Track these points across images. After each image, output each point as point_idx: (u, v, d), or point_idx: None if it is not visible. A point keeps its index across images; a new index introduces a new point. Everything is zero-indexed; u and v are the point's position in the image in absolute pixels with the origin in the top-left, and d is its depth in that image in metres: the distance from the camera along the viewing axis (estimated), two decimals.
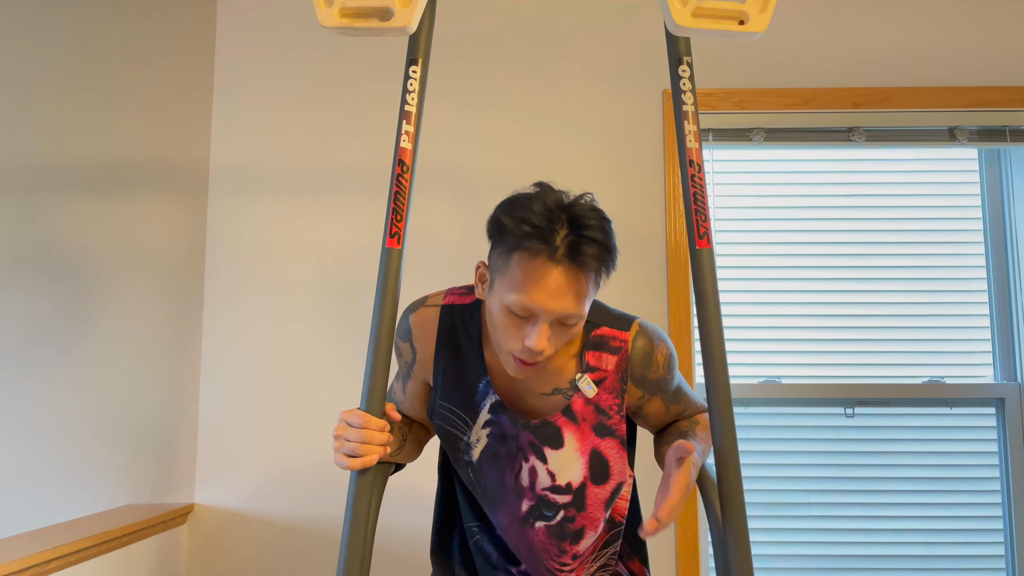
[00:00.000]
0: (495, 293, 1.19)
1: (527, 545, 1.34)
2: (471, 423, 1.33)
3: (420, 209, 2.25)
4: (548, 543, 1.33)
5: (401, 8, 1.07)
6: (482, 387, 1.32)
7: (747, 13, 1.04)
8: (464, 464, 1.35)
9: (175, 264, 2.22)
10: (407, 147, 1.13)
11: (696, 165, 1.10)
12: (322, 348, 2.24)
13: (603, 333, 1.30)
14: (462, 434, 1.34)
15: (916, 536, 2.28)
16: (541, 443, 1.29)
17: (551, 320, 1.16)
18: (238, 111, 2.32)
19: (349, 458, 1.13)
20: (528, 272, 1.14)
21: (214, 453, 2.20)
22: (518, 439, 1.30)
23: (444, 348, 1.34)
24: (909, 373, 2.34)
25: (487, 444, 1.32)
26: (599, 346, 1.30)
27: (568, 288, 1.14)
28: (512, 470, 1.31)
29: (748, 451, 2.31)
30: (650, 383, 1.32)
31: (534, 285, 1.13)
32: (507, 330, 1.18)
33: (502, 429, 1.31)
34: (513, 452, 1.31)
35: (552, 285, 1.13)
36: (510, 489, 1.32)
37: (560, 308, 1.14)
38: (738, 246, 2.39)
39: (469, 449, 1.33)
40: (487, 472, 1.33)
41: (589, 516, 1.32)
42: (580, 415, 1.29)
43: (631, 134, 2.30)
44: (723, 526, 1.09)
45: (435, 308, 1.36)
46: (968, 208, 2.40)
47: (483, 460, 1.33)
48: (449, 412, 1.34)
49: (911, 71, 2.31)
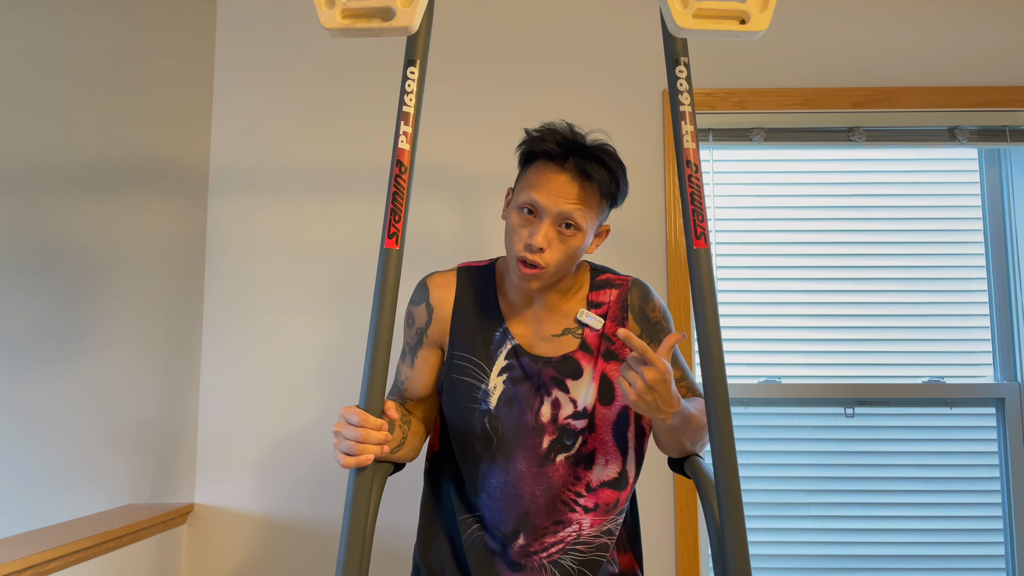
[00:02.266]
0: (512, 203, 1.37)
1: (545, 486, 1.38)
2: (488, 371, 1.41)
3: (419, 210, 2.25)
4: (567, 475, 1.39)
5: (403, 8, 1.08)
6: (499, 335, 1.42)
7: (748, 12, 1.04)
8: (480, 415, 1.40)
9: (175, 264, 2.23)
10: (405, 148, 1.13)
11: (693, 165, 1.10)
12: (322, 348, 2.24)
13: (607, 277, 1.47)
14: (479, 382, 1.40)
15: (916, 536, 2.27)
16: (563, 376, 1.39)
17: (553, 220, 1.30)
18: (238, 111, 2.32)
19: (346, 456, 1.14)
20: (538, 175, 1.33)
21: (214, 453, 2.20)
22: (540, 376, 1.39)
23: (462, 302, 1.45)
24: (909, 373, 2.33)
25: (504, 390, 1.40)
26: (603, 285, 1.46)
27: (571, 191, 1.31)
28: (532, 409, 1.38)
29: (748, 451, 2.31)
30: (649, 322, 1.44)
31: (542, 184, 1.32)
32: (516, 232, 1.33)
33: (523, 370, 1.40)
34: (534, 390, 1.39)
35: (556, 185, 1.31)
36: (530, 428, 1.38)
37: (561, 207, 1.30)
38: (738, 246, 2.39)
39: (487, 397, 1.40)
40: (504, 417, 1.39)
41: (599, 439, 1.40)
42: (594, 346, 1.41)
43: (630, 134, 2.30)
44: (721, 526, 1.09)
45: (452, 271, 1.51)
46: (968, 208, 2.40)
47: (500, 406, 1.39)
48: (466, 362, 1.42)
49: (911, 71, 2.31)
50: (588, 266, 1.50)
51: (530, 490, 1.38)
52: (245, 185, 2.30)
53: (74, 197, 2.15)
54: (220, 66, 2.34)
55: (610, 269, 1.50)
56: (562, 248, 1.32)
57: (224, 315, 2.25)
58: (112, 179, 2.19)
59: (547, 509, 1.38)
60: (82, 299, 2.14)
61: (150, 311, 2.19)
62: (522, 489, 1.38)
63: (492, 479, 1.39)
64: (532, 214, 1.32)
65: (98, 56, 2.19)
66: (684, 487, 2.17)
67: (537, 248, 1.29)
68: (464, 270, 1.50)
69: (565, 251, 1.33)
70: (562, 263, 1.34)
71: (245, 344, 2.24)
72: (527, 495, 1.38)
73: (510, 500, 1.38)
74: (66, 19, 2.16)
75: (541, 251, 1.30)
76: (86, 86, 2.18)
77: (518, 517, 1.38)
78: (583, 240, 1.34)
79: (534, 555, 1.38)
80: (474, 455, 1.41)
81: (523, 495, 1.38)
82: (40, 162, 2.14)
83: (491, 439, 1.39)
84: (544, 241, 1.30)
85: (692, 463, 1.37)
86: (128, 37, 2.22)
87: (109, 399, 2.15)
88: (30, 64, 2.14)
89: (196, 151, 2.29)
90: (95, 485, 2.12)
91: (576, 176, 1.31)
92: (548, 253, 1.31)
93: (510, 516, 1.38)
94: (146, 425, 2.16)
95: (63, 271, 2.13)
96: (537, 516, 1.38)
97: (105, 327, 2.15)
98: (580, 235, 1.33)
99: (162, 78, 2.26)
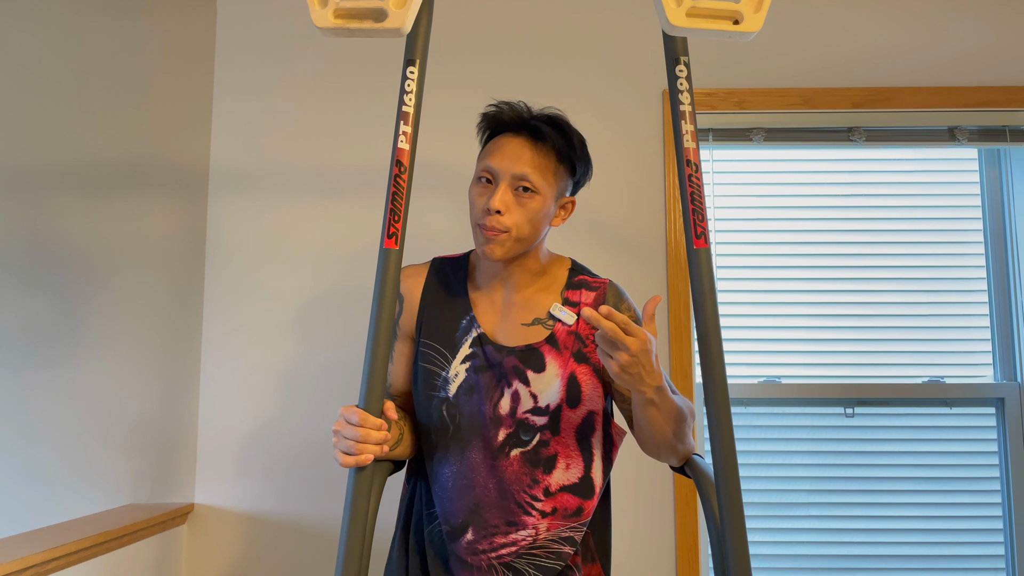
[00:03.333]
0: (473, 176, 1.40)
1: (498, 480, 1.34)
2: (450, 358, 1.40)
3: (418, 210, 2.25)
4: (521, 472, 1.36)
5: (395, 9, 1.07)
6: (465, 323, 1.42)
7: (741, 13, 1.04)
8: (438, 402, 1.39)
9: (175, 264, 2.23)
10: (405, 148, 1.13)
11: (693, 165, 1.10)
12: (321, 348, 2.24)
13: (584, 278, 1.47)
14: (440, 369, 1.40)
15: (916, 536, 2.27)
16: (525, 367, 1.38)
17: (508, 182, 1.33)
18: (238, 111, 2.32)
19: (345, 456, 1.13)
20: (493, 144, 1.38)
21: (214, 453, 2.20)
22: (502, 365, 1.38)
23: (430, 291, 1.46)
24: (909, 373, 2.34)
25: (465, 378, 1.39)
26: (579, 285, 1.45)
27: (524, 153, 1.34)
28: (491, 400, 1.37)
29: (748, 451, 2.31)
30: None
31: (496, 151, 1.36)
32: (476, 201, 1.36)
33: (485, 359, 1.39)
34: (495, 380, 1.37)
35: (509, 149, 1.35)
36: (487, 419, 1.37)
37: (515, 169, 1.33)
38: (738, 246, 2.39)
39: (447, 384, 1.39)
40: (463, 405, 1.38)
41: (562, 442, 1.37)
42: (562, 343, 1.39)
43: (630, 134, 2.30)
44: (721, 526, 1.09)
45: (425, 263, 1.53)
46: (968, 208, 2.40)
47: (460, 394, 1.38)
48: (430, 349, 1.42)
49: (911, 71, 2.31)
50: (568, 263, 1.49)
51: (483, 482, 1.35)
52: (245, 185, 2.30)
53: (74, 197, 2.15)
54: (220, 66, 2.34)
55: (588, 270, 1.49)
56: (521, 212, 1.33)
57: (224, 315, 2.25)
58: (112, 179, 2.19)
59: (499, 506, 1.34)
60: (82, 299, 2.15)
61: (150, 311, 2.19)
62: (475, 480, 1.35)
63: (445, 468, 1.37)
64: (490, 182, 1.35)
65: (98, 56, 2.19)
66: (684, 487, 2.17)
67: (495, 210, 1.30)
68: (437, 260, 1.52)
69: (525, 215, 1.33)
70: (523, 228, 1.34)
71: (245, 344, 2.24)
72: (479, 486, 1.35)
73: (461, 491, 1.35)
74: (66, 20, 2.16)
75: (499, 214, 1.31)
76: (86, 86, 2.18)
77: (469, 509, 1.35)
78: (543, 204, 1.35)
79: (482, 554, 1.33)
80: (430, 443, 1.40)
81: (475, 486, 1.35)
82: (40, 162, 2.14)
83: (447, 427, 1.38)
84: (501, 204, 1.31)
85: (692, 463, 1.37)
86: (128, 37, 2.23)
87: (109, 399, 2.15)
88: (30, 64, 2.14)
89: (196, 151, 2.29)
90: (95, 485, 2.12)
91: (529, 139, 1.35)
92: (507, 216, 1.32)
93: (461, 508, 1.35)
94: (146, 425, 2.16)
95: (63, 271, 2.13)
96: (488, 511, 1.34)
97: (105, 327, 2.16)
98: (539, 198, 1.34)
99: (162, 78, 2.26)
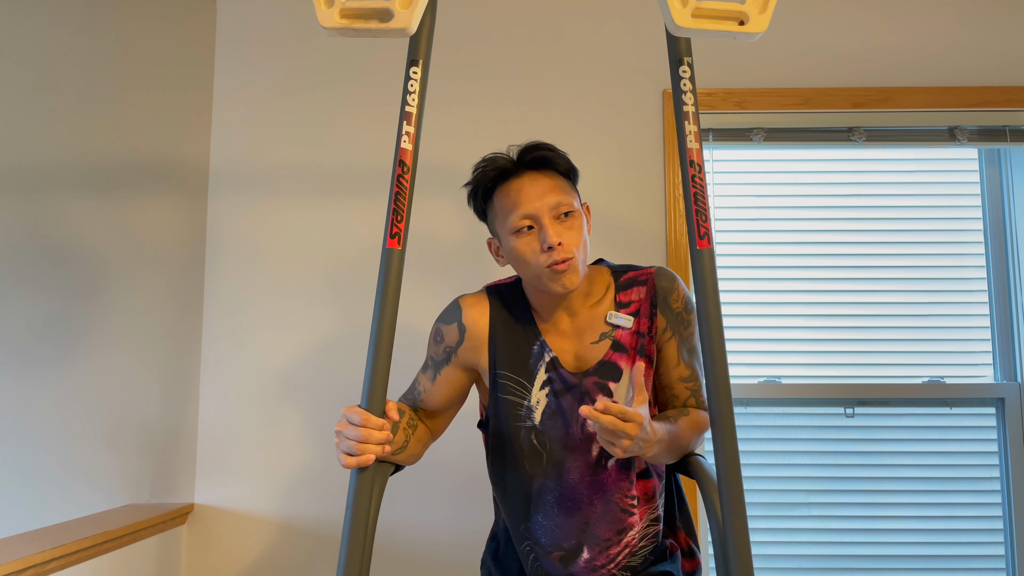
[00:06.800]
0: (504, 239, 1.38)
1: (602, 492, 1.38)
2: (530, 386, 1.42)
3: (421, 210, 2.25)
4: (619, 479, 1.39)
5: (401, 9, 1.07)
6: (536, 349, 1.43)
7: (747, 13, 1.04)
8: (526, 432, 1.40)
9: (175, 264, 2.22)
10: (408, 148, 1.13)
11: (696, 165, 1.10)
12: (322, 348, 2.24)
13: (630, 276, 1.47)
14: (522, 399, 1.41)
15: (916, 536, 2.28)
16: (605, 380, 1.40)
17: (550, 216, 1.33)
18: (238, 111, 2.32)
19: (347, 456, 1.13)
20: (506, 196, 1.37)
21: (214, 453, 2.20)
22: (582, 385, 1.40)
23: (498, 321, 1.46)
24: (909, 373, 2.34)
25: (547, 404, 1.40)
26: (629, 284, 1.45)
27: (542, 184, 1.35)
28: (577, 421, 1.39)
29: (748, 451, 2.31)
30: (672, 314, 1.43)
31: (518, 198, 1.35)
32: (528, 250, 1.34)
33: (563, 382, 1.40)
34: (578, 400, 1.39)
35: (527, 189, 1.35)
36: (577, 440, 1.39)
37: (549, 201, 1.34)
38: (738, 246, 2.39)
39: (531, 413, 1.41)
40: (551, 431, 1.39)
41: None
42: (628, 345, 1.42)
43: (631, 134, 2.30)
44: (723, 526, 1.09)
45: (482, 292, 1.51)
46: (968, 208, 2.40)
47: (545, 420, 1.40)
48: (508, 381, 1.43)
49: (911, 71, 2.31)
50: (605, 268, 1.50)
51: (587, 499, 1.38)
52: (245, 185, 2.29)
53: (74, 197, 2.15)
54: (220, 66, 2.34)
55: (631, 266, 1.50)
56: (574, 235, 1.35)
57: (224, 315, 2.24)
58: (112, 179, 2.18)
59: (606, 518, 1.38)
60: (82, 299, 2.14)
61: (150, 311, 2.19)
62: (579, 499, 1.38)
63: (547, 496, 1.39)
64: (532, 228, 1.34)
65: (98, 56, 2.19)
66: (685, 487, 2.16)
67: (557, 244, 1.31)
68: (494, 289, 1.51)
69: (578, 236, 1.35)
70: (581, 248, 1.36)
71: (245, 344, 2.24)
72: (584, 504, 1.38)
73: (568, 512, 1.38)
74: (66, 20, 2.16)
75: (560, 245, 1.32)
76: (86, 86, 2.18)
77: (579, 529, 1.38)
78: (582, 220, 1.38)
79: (602, 568, 1.37)
80: (525, 474, 1.41)
81: (580, 505, 1.38)
82: (40, 162, 2.14)
83: (540, 455, 1.40)
84: (558, 236, 1.32)
85: (694, 463, 1.37)
86: (128, 37, 2.22)
87: (109, 399, 2.14)
88: (30, 64, 2.14)
89: (196, 151, 2.28)
90: (95, 485, 2.12)
91: (534, 171, 1.37)
92: (567, 244, 1.33)
93: (571, 530, 1.38)
94: (146, 425, 2.16)
95: (63, 271, 2.13)
96: (598, 526, 1.38)
97: (105, 327, 2.15)
98: (578, 215, 1.37)
99: (162, 78, 2.26)
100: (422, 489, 2.17)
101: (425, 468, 2.06)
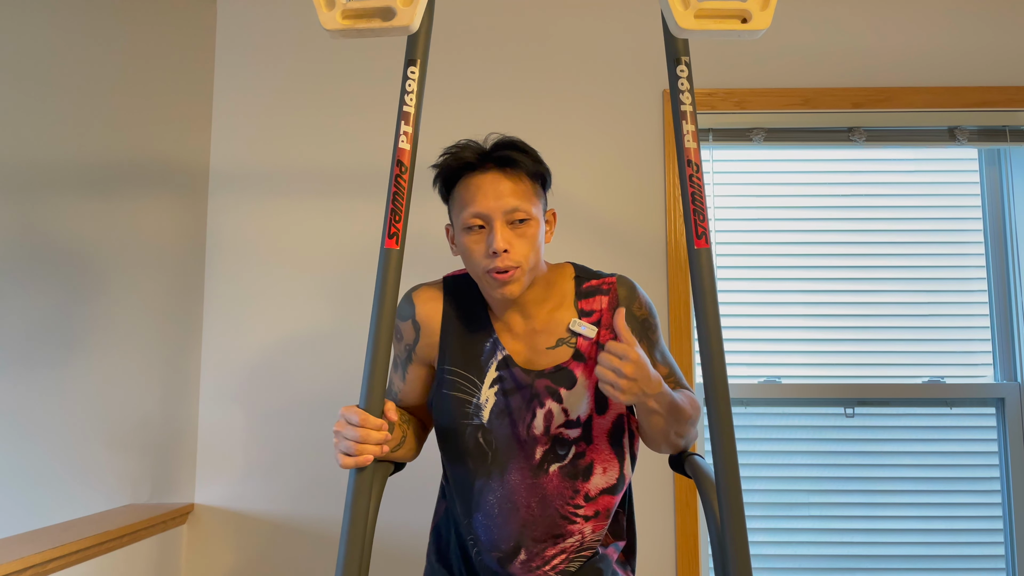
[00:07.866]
0: (457, 232, 1.34)
1: (540, 497, 1.36)
2: (479, 384, 1.39)
3: (419, 210, 2.25)
4: (562, 486, 1.37)
5: (403, 7, 1.07)
6: (489, 346, 1.40)
7: (749, 11, 1.03)
8: (473, 430, 1.38)
9: (175, 264, 2.22)
10: (406, 148, 1.13)
11: (694, 165, 1.10)
12: (322, 348, 2.24)
13: (592, 283, 1.44)
14: (471, 397, 1.39)
15: (916, 536, 2.27)
16: (557, 386, 1.37)
17: (503, 220, 1.29)
18: (238, 111, 2.32)
19: (346, 456, 1.13)
20: (467, 189, 1.32)
21: (214, 453, 2.20)
22: (533, 387, 1.37)
23: (450, 315, 1.43)
24: (909, 373, 2.34)
25: (496, 402, 1.38)
26: (590, 293, 1.42)
27: (501, 186, 1.30)
28: (524, 421, 1.37)
29: (748, 451, 2.31)
30: (636, 320, 1.41)
31: (475, 195, 1.30)
32: (475, 250, 1.31)
33: (515, 381, 1.38)
34: (527, 401, 1.37)
35: (487, 187, 1.30)
36: (522, 441, 1.37)
37: (505, 204, 1.29)
38: (738, 246, 2.39)
39: (479, 411, 1.38)
40: (497, 430, 1.37)
41: (596, 448, 1.38)
42: (587, 354, 1.39)
43: (631, 134, 2.30)
44: (722, 526, 1.08)
45: (438, 283, 1.47)
46: (968, 208, 2.40)
47: (493, 419, 1.38)
48: (457, 377, 1.40)
49: (911, 71, 2.31)
50: (571, 270, 1.47)
51: (525, 502, 1.36)
52: (245, 185, 2.30)
53: (74, 197, 2.15)
54: (220, 66, 2.34)
55: (592, 273, 1.46)
56: (523, 243, 1.30)
57: (224, 315, 2.25)
58: (112, 179, 2.18)
59: (544, 522, 1.36)
60: (82, 299, 2.14)
61: (150, 311, 2.19)
62: (517, 502, 1.36)
63: (488, 495, 1.38)
64: (482, 228, 1.30)
65: (98, 56, 2.19)
66: (684, 487, 2.17)
67: (502, 250, 1.27)
68: (451, 280, 1.47)
69: (528, 245, 1.31)
70: (530, 258, 1.31)
71: (245, 344, 2.24)
72: (523, 507, 1.36)
73: (508, 514, 1.36)
74: (66, 20, 2.16)
75: (506, 252, 1.28)
76: (87, 86, 2.18)
77: (517, 531, 1.36)
78: (538, 228, 1.33)
79: (537, 570, 1.37)
80: (468, 472, 1.39)
81: (519, 507, 1.36)
82: (40, 162, 2.14)
83: (485, 454, 1.38)
84: (505, 243, 1.27)
85: (692, 463, 1.37)
86: (128, 37, 2.22)
87: (109, 399, 2.14)
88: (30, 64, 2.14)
89: (196, 151, 2.29)
90: (95, 485, 2.12)
91: (498, 169, 1.32)
92: (513, 252, 1.29)
93: (510, 531, 1.36)
94: (146, 425, 2.16)
95: (63, 271, 2.13)
96: (535, 529, 1.36)
97: (105, 327, 2.15)
98: (533, 223, 1.32)
99: (163, 79, 2.26)
100: (422, 489, 2.17)
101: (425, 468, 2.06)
